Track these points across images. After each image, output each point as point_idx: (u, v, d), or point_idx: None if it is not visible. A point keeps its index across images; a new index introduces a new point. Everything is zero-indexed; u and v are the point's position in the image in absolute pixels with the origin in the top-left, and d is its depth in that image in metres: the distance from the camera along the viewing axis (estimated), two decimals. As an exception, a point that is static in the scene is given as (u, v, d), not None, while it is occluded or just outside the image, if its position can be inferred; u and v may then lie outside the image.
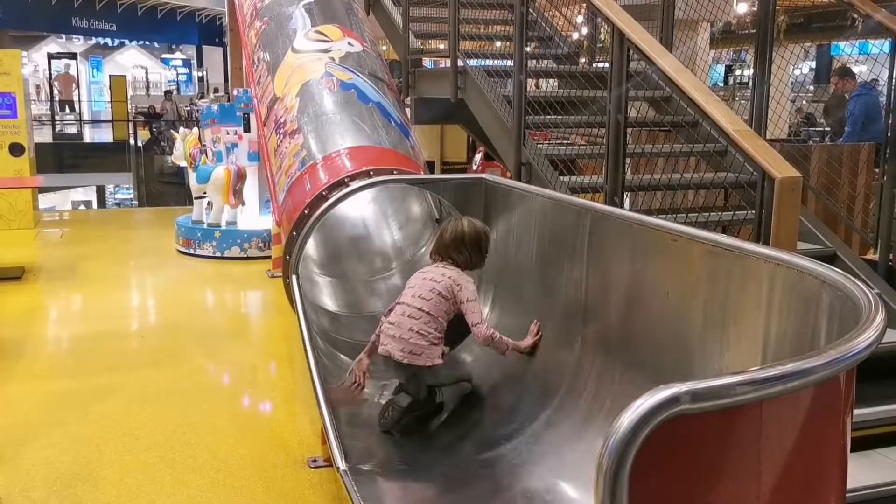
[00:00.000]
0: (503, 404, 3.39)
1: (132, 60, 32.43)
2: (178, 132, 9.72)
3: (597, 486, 1.20)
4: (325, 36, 5.69)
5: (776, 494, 1.43)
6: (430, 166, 9.02)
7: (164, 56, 33.75)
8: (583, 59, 6.60)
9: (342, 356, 4.06)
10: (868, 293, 1.73)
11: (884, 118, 4.81)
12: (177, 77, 33.63)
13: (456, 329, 3.53)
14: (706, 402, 1.24)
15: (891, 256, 4.58)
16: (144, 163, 17.93)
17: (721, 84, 17.52)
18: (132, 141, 18.83)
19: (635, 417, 1.19)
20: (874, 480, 3.30)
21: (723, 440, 1.34)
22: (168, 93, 26.84)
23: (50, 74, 25.40)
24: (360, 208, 5.75)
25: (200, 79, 32.37)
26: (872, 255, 4.91)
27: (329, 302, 4.81)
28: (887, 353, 3.53)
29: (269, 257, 7.81)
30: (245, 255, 8.24)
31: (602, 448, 1.20)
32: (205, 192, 8.53)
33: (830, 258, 4.30)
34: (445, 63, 6.19)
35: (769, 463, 1.39)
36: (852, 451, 1.66)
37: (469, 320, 3.37)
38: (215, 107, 8.96)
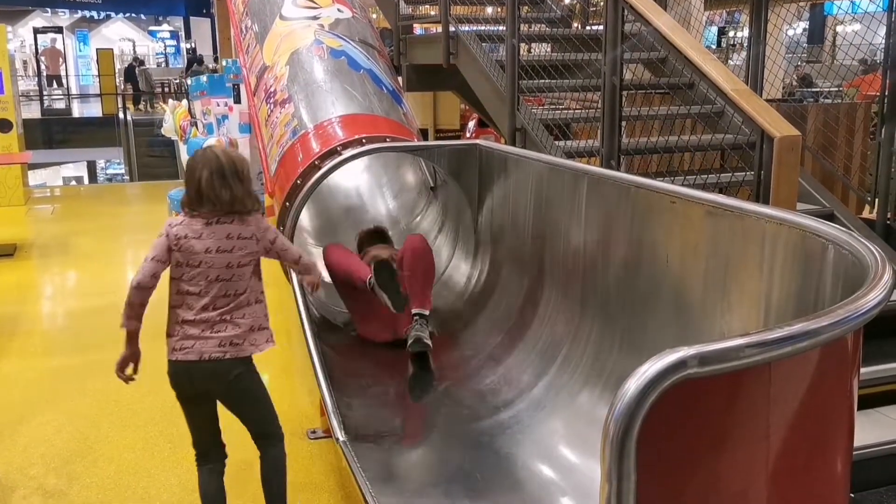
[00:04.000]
0: (502, 371, 3.37)
1: (119, 33, 32.03)
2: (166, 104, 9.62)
3: (603, 452, 1.17)
4: (314, 2, 5.59)
5: (784, 456, 1.40)
6: (424, 134, 8.94)
7: (151, 28, 33.32)
8: (575, 24, 6.51)
9: (339, 326, 4.04)
10: (875, 251, 1.70)
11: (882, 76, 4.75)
12: (164, 49, 33.23)
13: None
14: (714, 366, 1.20)
15: (888, 215, 4.55)
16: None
17: (714, 46, 17.38)
18: (121, 115, 18.66)
19: (642, 382, 1.16)
20: (875, 439, 3.30)
21: (731, 403, 1.31)
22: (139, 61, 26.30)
23: (36, 49, 25.05)
24: (353, 178, 5.70)
25: (189, 50, 32.00)
26: (869, 214, 4.88)
27: (325, 273, 4.78)
28: (886, 311, 3.51)
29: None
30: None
31: (608, 414, 1.16)
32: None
33: (828, 218, 4.26)
34: (437, 29, 6.10)
35: (777, 425, 1.37)
36: (853, 410, 1.63)
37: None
38: (204, 78, 8.86)
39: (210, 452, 2.72)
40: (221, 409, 2.74)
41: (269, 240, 2.62)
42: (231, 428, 2.77)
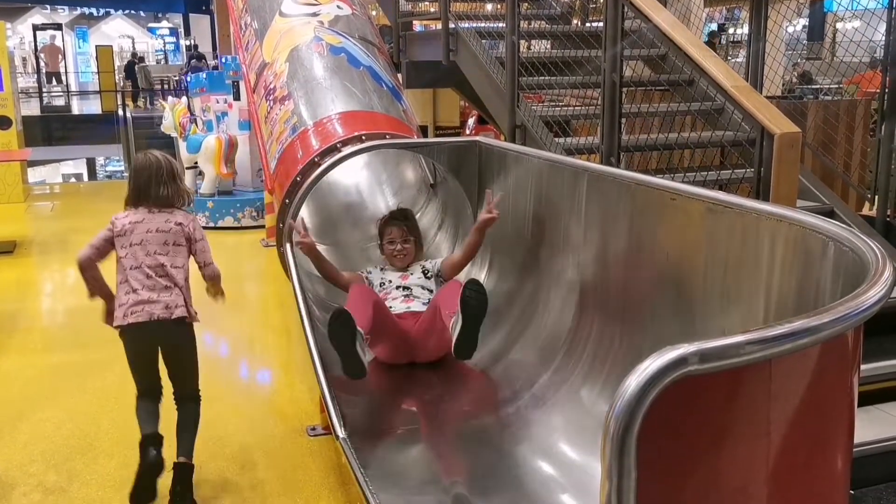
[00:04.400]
0: (502, 367, 3.37)
1: (118, 30, 32.01)
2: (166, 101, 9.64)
3: (604, 449, 1.17)
4: (314, -1, 5.59)
5: (784, 453, 1.40)
6: (424, 131, 8.94)
7: (150, 25, 33.29)
8: (575, 21, 6.52)
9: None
10: (875, 248, 1.69)
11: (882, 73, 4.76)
12: (164, 46, 33.20)
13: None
14: (715, 363, 1.20)
15: (888, 212, 4.56)
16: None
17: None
18: (121, 112, 18.64)
19: (642, 379, 1.15)
20: (874, 436, 3.30)
21: (731, 400, 1.31)
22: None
23: (35, 46, 25.02)
24: (353, 175, 5.70)
25: (188, 47, 31.97)
26: (869, 211, 4.88)
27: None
28: (887, 308, 3.52)
29: (262, 226, 7.76)
30: (238, 225, 8.20)
31: (609, 411, 1.16)
32: (196, 162, 8.45)
33: (828, 215, 4.27)
34: (436, 26, 6.10)
35: (778, 422, 1.37)
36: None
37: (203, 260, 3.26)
38: (204, 75, 8.86)
39: (149, 392, 3.15)
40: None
41: (196, 237, 3.20)
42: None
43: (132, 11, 31.80)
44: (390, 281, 3.73)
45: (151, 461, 3.02)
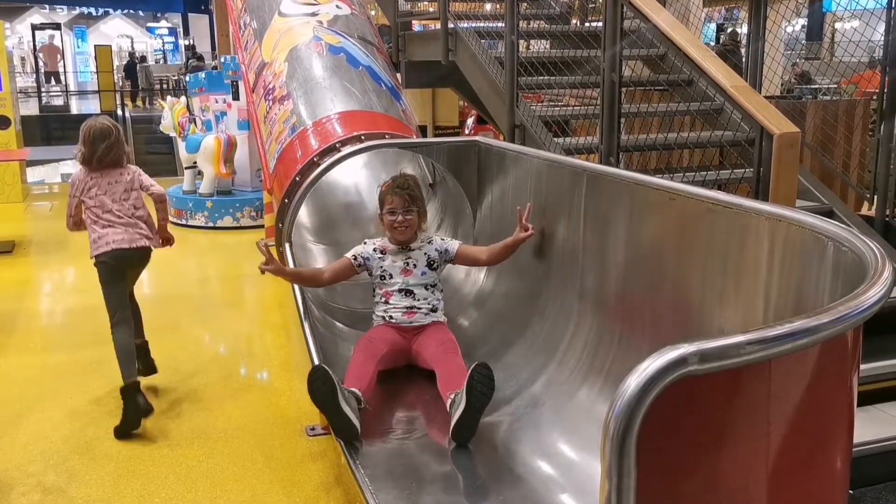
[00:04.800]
0: (502, 367, 3.37)
1: (117, 30, 32.00)
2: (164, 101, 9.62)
3: (604, 450, 1.17)
4: (313, -1, 5.59)
5: (784, 453, 1.41)
6: (423, 131, 8.94)
7: (149, 25, 33.29)
8: (574, 20, 6.52)
9: (338, 324, 4.04)
10: (874, 248, 1.70)
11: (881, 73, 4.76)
12: (163, 46, 33.19)
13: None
14: (714, 363, 1.20)
15: (887, 212, 4.56)
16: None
17: (712, 43, 17.39)
18: (120, 112, 18.65)
19: (642, 380, 1.16)
20: (874, 436, 3.30)
21: (731, 400, 1.31)
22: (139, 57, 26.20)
23: (34, 46, 25.03)
24: (352, 174, 5.70)
25: (187, 47, 31.97)
26: (868, 211, 4.89)
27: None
28: (886, 308, 3.52)
29: (261, 226, 7.75)
30: (237, 225, 8.19)
31: (609, 411, 1.16)
32: (195, 162, 8.44)
33: (827, 215, 4.27)
34: (435, 26, 6.10)
35: (777, 422, 1.37)
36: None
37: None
38: (203, 75, 8.85)
39: (125, 319, 3.88)
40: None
41: (141, 182, 3.95)
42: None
43: (131, 11, 31.79)
44: (391, 276, 3.48)
45: (143, 408, 3.72)
